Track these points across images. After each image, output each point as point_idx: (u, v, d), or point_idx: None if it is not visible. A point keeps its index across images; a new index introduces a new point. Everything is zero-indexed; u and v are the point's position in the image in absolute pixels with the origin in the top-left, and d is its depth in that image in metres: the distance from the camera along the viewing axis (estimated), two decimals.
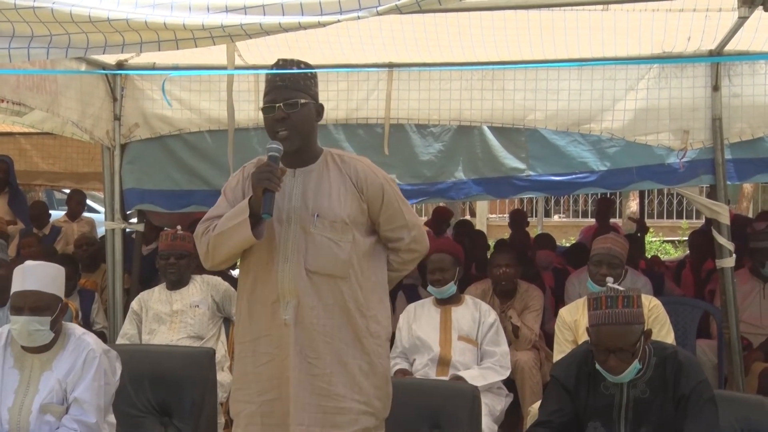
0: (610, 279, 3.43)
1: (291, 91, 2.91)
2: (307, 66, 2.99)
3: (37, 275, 3.39)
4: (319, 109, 3.01)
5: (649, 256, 8.87)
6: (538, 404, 4.23)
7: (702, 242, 6.66)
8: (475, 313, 4.80)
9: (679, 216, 17.89)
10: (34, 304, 3.32)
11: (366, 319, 2.93)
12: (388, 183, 3.02)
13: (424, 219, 9.95)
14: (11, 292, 3.39)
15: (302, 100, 2.90)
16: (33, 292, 3.34)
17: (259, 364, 2.93)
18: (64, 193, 12.24)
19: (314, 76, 3.01)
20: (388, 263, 3.06)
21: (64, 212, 9.14)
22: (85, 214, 8.78)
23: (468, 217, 15.50)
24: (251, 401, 2.95)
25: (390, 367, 3.15)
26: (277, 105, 2.89)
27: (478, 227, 10.91)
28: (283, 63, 2.98)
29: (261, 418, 2.93)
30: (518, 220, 8.70)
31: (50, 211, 9.12)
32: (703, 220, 9.04)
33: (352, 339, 2.91)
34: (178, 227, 5.23)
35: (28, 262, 3.49)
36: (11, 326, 3.36)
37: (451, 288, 4.80)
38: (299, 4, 2.58)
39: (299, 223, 2.89)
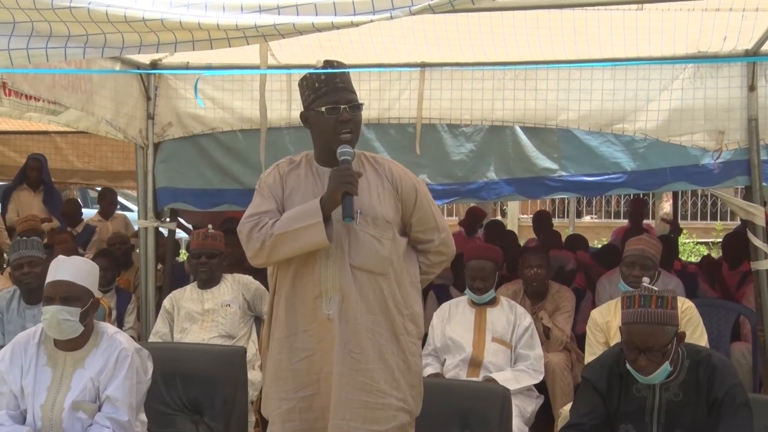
0: (646, 279, 3.40)
1: (351, 94, 2.97)
2: (342, 67, 3.03)
3: (70, 267, 3.44)
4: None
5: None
6: (568, 406, 4.21)
7: (737, 244, 6.57)
8: (510, 315, 4.78)
9: (713, 217, 17.68)
10: (65, 294, 3.36)
11: (403, 317, 2.97)
12: (420, 185, 3.07)
13: (456, 219, 9.93)
14: (45, 284, 3.44)
15: (362, 103, 2.98)
16: (64, 282, 3.39)
17: (295, 360, 2.93)
18: (98, 191, 12.40)
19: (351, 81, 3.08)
20: (419, 266, 3.09)
21: (96, 211, 9.24)
22: (118, 212, 8.86)
23: (499, 217, 15.44)
24: (288, 398, 2.94)
25: (422, 365, 3.14)
26: (343, 107, 2.91)
27: (509, 228, 10.87)
28: (332, 64, 3.00)
29: (299, 414, 2.93)
30: (542, 221, 8.65)
31: (84, 209, 9.24)
32: (738, 222, 8.94)
33: (390, 336, 2.94)
34: (209, 226, 5.26)
35: (62, 256, 3.54)
36: (42, 317, 3.40)
37: (491, 294, 4.80)
38: (332, 4, 2.59)
39: (340, 220, 2.88)
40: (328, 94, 2.93)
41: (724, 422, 3.14)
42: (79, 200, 10.02)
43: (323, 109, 2.92)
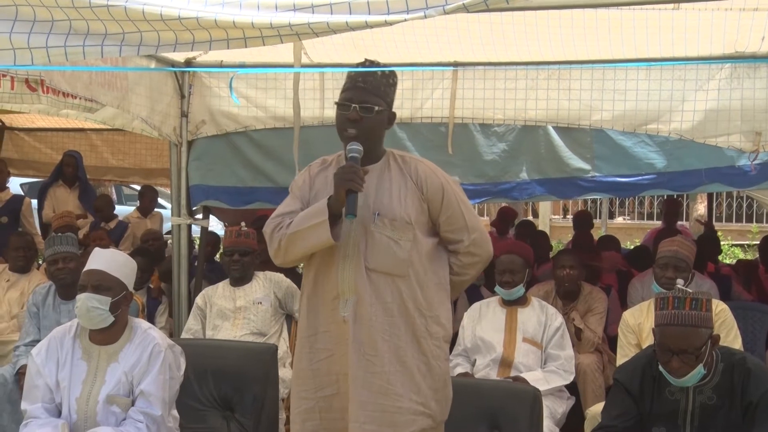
0: (680, 281, 3.37)
1: (369, 95, 2.91)
2: (391, 72, 2.99)
3: (104, 258, 3.50)
4: (392, 117, 3.02)
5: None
6: (596, 407, 4.19)
7: None
8: (541, 315, 4.75)
9: (749, 219, 17.49)
10: (97, 282, 3.41)
11: (425, 319, 2.91)
12: (449, 184, 3.00)
13: (487, 219, 9.90)
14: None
15: (377, 107, 2.91)
16: (97, 271, 3.44)
17: (316, 360, 2.94)
18: (132, 188, 12.52)
19: (394, 84, 3.02)
20: (449, 266, 3.03)
21: (133, 207, 9.33)
22: (156, 210, 8.95)
23: (530, 217, 15.37)
24: (309, 397, 2.96)
25: (449, 370, 3.08)
26: (353, 105, 2.90)
27: (540, 228, 10.82)
28: (369, 63, 2.99)
29: (320, 413, 2.94)
30: (583, 221, 8.60)
31: (118, 206, 9.33)
32: None
33: (410, 338, 2.88)
34: (242, 224, 5.29)
35: (99, 248, 3.59)
36: (75, 305, 3.44)
37: (520, 290, 4.76)
38: (366, 3, 2.59)
39: (361, 221, 2.89)
40: (346, 91, 2.94)
41: (759, 426, 3.11)
42: (111, 196, 10.12)
43: (336, 103, 2.96)
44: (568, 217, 17.56)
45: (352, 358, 2.85)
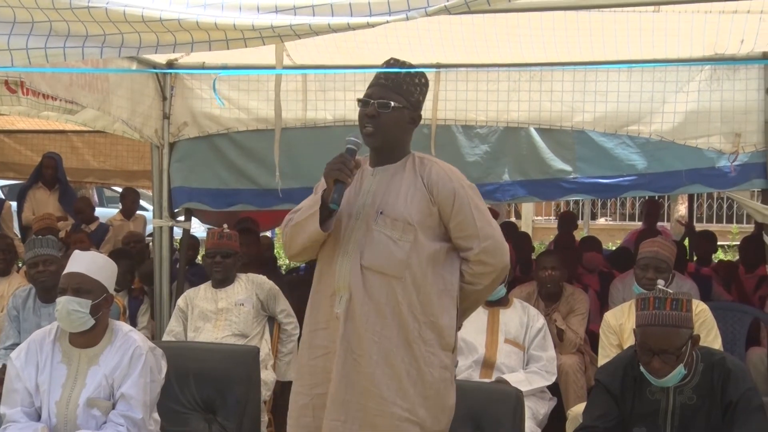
0: (661, 281, 3.39)
1: (389, 92, 2.91)
2: (417, 72, 2.98)
3: (84, 260, 3.48)
4: (415, 117, 2.99)
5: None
6: (578, 407, 4.21)
7: (754, 248, 6.55)
8: (523, 316, 4.77)
9: (729, 220, 17.61)
10: (77, 285, 3.39)
11: (419, 324, 2.84)
12: (463, 189, 2.92)
13: None
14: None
15: (395, 104, 2.89)
16: (77, 273, 3.42)
17: (313, 357, 2.93)
18: (114, 190, 12.47)
19: (422, 84, 2.99)
20: (460, 274, 2.94)
21: (116, 210, 9.29)
22: (139, 212, 8.91)
23: (513, 219, 15.42)
24: (305, 393, 2.95)
25: (447, 378, 2.90)
26: (372, 101, 2.90)
27: (523, 229, 10.85)
28: (393, 62, 2.99)
29: (313, 410, 2.92)
30: (567, 222, 8.64)
31: (99, 208, 9.28)
32: (754, 225, 8.88)
33: (402, 342, 2.82)
34: (225, 226, 5.28)
35: (80, 251, 3.57)
36: (55, 308, 3.42)
37: (501, 290, 4.77)
38: (348, 5, 2.59)
39: (365, 219, 2.89)
40: (369, 88, 2.95)
41: (739, 426, 3.13)
42: (91, 198, 10.06)
43: (358, 99, 2.96)
44: (550, 218, 17.63)
45: (339, 356, 2.84)
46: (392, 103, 2.89)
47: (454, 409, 2.94)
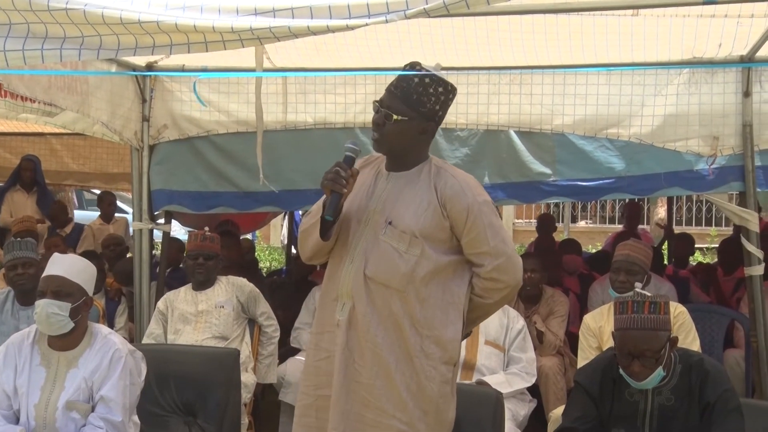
0: (638, 284, 3.42)
1: (396, 102, 2.85)
2: (436, 80, 2.87)
3: (64, 263, 3.47)
4: (427, 128, 2.89)
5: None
6: (559, 410, 4.22)
7: (732, 250, 6.60)
8: (503, 318, 4.78)
9: (708, 223, 17.73)
10: (56, 288, 3.38)
11: (421, 338, 2.79)
12: (477, 205, 2.83)
13: None
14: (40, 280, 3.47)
15: (396, 117, 2.83)
16: (57, 276, 3.41)
17: (318, 359, 2.93)
18: (93, 193, 12.40)
19: (438, 93, 2.87)
20: (472, 287, 2.90)
21: (95, 212, 9.24)
22: (120, 215, 8.87)
23: None
24: (309, 393, 2.94)
25: (448, 393, 2.87)
26: (382, 109, 2.87)
27: None
28: (410, 67, 2.91)
29: (316, 411, 2.91)
30: (546, 224, 8.70)
31: (78, 211, 9.23)
32: (732, 228, 8.95)
33: (403, 355, 2.79)
34: (206, 228, 5.27)
35: (59, 253, 3.56)
36: (34, 311, 3.41)
37: None
38: (328, 7, 2.59)
39: (373, 227, 2.87)
40: (385, 91, 2.93)
41: (716, 427, 3.15)
42: (68, 201, 10.01)
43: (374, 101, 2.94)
44: (531, 220, 17.68)
45: (340, 364, 2.82)
46: (394, 116, 2.83)
47: (453, 422, 2.91)
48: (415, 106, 2.85)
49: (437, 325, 2.82)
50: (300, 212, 8.79)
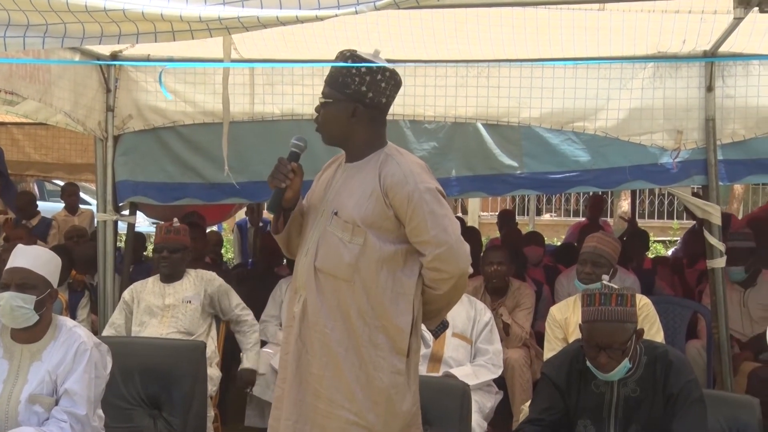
0: (605, 277, 3.45)
1: (326, 88, 2.89)
2: (362, 61, 2.84)
3: (28, 255, 3.41)
4: (356, 110, 2.85)
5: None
6: (528, 404, 4.25)
7: (695, 239, 6.68)
8: (470, 310, 4.80)
9: (670, 216, 17.94)
10: (21, 281, 3.33)
11: (369, 329, 2.78)
12: (419, 192, 2.78)
13: None
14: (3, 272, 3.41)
15: (324, 99, 2.88)
16: (21, 269, 3.35)
17: (285, 352, 2.95)
18: (55, 184, 12.24)
19: (362, 74, 2.83)
20: (422, 277, 2.86)
21: (58, 205, 9.12)
22: (85, 207, 8.76)
23: (460, 214, 15.50)
24: (278, 386, 2.97)
25: (400, 383, 2.82)
26: (321, 99, 2.91)
27: (469, 224, 10.93)
28: (339, 56, 2.90)
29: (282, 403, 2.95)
30: (507, 219, 8.87)
31: (40, 202, 9.10)
32: (696, 222, 9.05)
33: (352, 346, 2.78)
34: (175, 220, 5.22)
35: (23, 245, 3.50)
36: None
37: None
38: None
39: (323, 219, 2.88)
40: None
41: (679, 417, 3.19)
42: (33, 193, 9.87)
43: None
44: (497, 213, 17.76)
45: (293, 356, 2.85)
46: (323, 99, 2.89)
47: (411, 413, 2.87)
48: (340, 88, 2.85)
49: (386, 315, 2.79)
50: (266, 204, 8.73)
